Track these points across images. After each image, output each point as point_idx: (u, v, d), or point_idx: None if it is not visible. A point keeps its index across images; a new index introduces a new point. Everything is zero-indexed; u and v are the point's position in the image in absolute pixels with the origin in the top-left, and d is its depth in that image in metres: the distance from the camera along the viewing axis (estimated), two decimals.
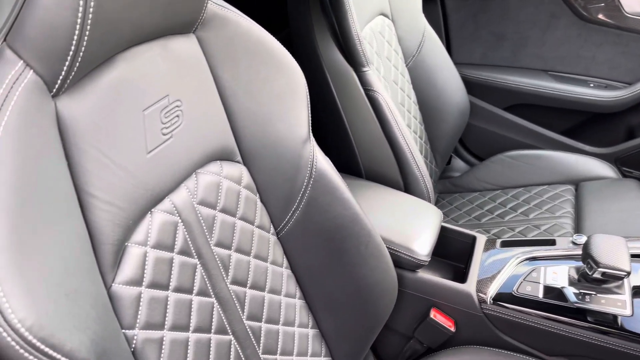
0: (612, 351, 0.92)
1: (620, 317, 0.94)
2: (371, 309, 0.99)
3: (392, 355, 1.16)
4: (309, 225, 0.92)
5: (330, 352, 1.02)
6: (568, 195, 1.58)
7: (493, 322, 1.04)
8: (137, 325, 0.63)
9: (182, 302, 0.70)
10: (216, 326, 0.76)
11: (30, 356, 0.44)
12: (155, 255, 0.67)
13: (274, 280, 0.89)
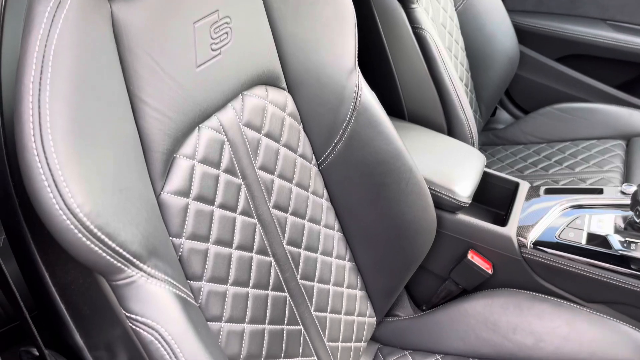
0: None
1: None
2: (408, 246, 1.00)
3: (426, 295, 1.17)
4: (351, 159, 0.92)
5: (366, 286, 1.03)
6: (618, 150, 1.52)
7: (532, 266, 1.03)
8: (184, 235, 0.65)
9: (226, 218, 0.72)
10: (257, 246, 0.78)
11: (88, 241, 0.46)
12: (202, 170, 0.68)
13: (314, 210, 0.90)
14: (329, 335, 0.93)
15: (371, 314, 1.06)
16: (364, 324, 1.04)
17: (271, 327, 0.79)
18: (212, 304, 0.69)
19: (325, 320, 0.92)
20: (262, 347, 0.77)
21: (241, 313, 0.73)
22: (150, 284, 0.52)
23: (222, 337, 0.70)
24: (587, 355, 0.94)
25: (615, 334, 0.94)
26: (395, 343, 1.12)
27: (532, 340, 0.98)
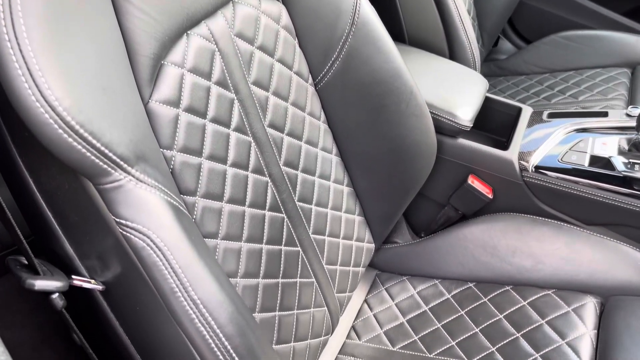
0: None
1: None
2: (408, 170, 0.98)
3: (424, 222, 1.16)
4: (349, 79, 0.88)
5: (364, 212, 1.02)
6: (623, 78, 1.48)
7: (533, 190, 1.01)
8: (175, 147, 0.62)
9: (219, 133, 0.69)
10: (253, 165, 0.75)
11: (70, 139, 0.44)
12: (193, 79, 0.64)
13: (311, 131, 0.87)
14: (327, 259, 0.92)
15: (369, 239, 1.05)
16: (363, 249, 1.03)
17: (269, 247, 0.78)
18: (207, 220, 0.67)
19: (324, 244, 0.91)
20: (259, 266, 0.76)
21: (238, 231, 0.72)
22: (140, 188, 0.50)
23: (219, 254, 0.69)
24: (586, 276, 0.94)
25: (615, 254, 0.94)
26: (394, 269, 1.13)
27: (531, 263, 0.98)
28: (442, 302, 1.02)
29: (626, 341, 0.82)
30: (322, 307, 0.91)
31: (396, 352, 0.96)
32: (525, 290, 0.97)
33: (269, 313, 0.78)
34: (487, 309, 0.97)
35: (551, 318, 0.90)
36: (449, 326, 0.97)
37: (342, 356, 0.98)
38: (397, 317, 1.02)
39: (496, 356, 0.88)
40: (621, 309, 0.88)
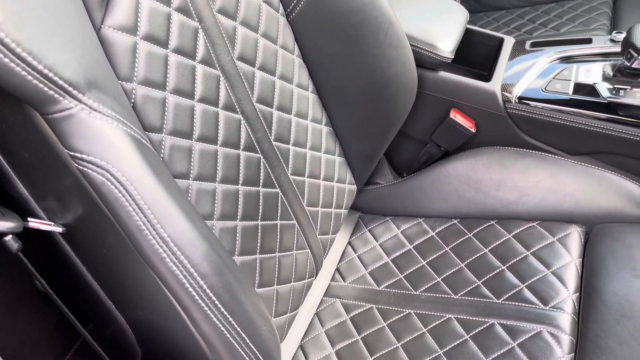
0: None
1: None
2: (388, 105, 0.94)
3: (406, 162, 1.13)
4: (322, 7, 0.83)
5: (345, 152, 0.98)
6: (605, 8, 1.44)
7: (516, 122, 0.99)
8: (135, 79, 0.57)
9: (183, 65, 0.64)
10: (224, 101, 0.70)
11: (6, 59, 0.39)
12: (150, 4, 0.59)
13: (284, 66, 0.82)
14: (308, 200, 0.89)
15: (351, 181, 1.02)
16: (344, 190, 1.00)
17: (246, 188, 0.74)
18: (176, 159, 0.63)
19: (304, 185, 0.88)
20: (236, 207, 0.72)
21: (211, 171, 0.68)
22: (94, 118, 0.45)
23: (192, 195, 0.65)
24: (571, 206, 0.92)
25: (599, 183, 0.92)
26: (377, 210, 1.10)
27: (515, 195, 0.96)
28: (426, 240, 1.00)
29: (611, 267, 0.82)
30: (304, 249, 0.89)
31: (382, 291, 0.95)
32: (510, 224, 0.95)
33: (250, 256, 0.75)
34: (472, 244, 0.95)
35: (536, 249, 0.89)
36: (434, 263, 0.95)
37: (327, 298, 0.97)
38: (382, 257, 1.01)
39: (482, 289, 0.87)
40: (606, 236, 0.87)
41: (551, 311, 0.80)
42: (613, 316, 0.75)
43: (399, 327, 0.87)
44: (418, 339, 0.84)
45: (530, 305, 0.82)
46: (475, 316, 0.84)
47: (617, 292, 0.78)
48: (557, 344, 0.76)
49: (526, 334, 0.78)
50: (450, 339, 0.82)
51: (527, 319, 0.80)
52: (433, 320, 0.86)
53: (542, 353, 0.75)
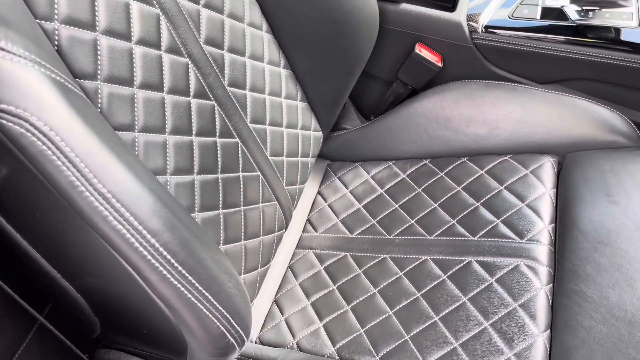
0: (611, 67, 0.85)
1: (624, 29, 0.84)
2: (350, 43, 0.88)
3: (373, 104, 1.08)
4: None
5: (307, 97, 0.93)
6: None
7: (484, 52, 0.94)
8: (57, 18, 0.50)
9: (113, 1, 0.56)
10: (167, 43, 0.63)
11: None
12: None
13: (233, 3, 0.75)
14: (271, 150, 0.84)
15: (316, 127, 0.97)
16: (310, 138, 0.95)
17: (201, 139, 0.68)
18: (117, 109, 0.56)
19: (265, 133, 0.82)
20: (192, 160, 0.67)
21: (159, 122, 0.62)
22: (3, 59, 0.38)
23: (139, 148, 0.59)
24: (543, 136, 0.90)
25: (571, 110, 0.90)
26: (345, 157, 1.06)
27: (486, 130, 0.93)
28: (397, 183, 0.97)
29: (585, 194, 0.80)
30: (271, 201, 0.84)
31: (355, 239, 0.92)
32: (482, 159, 0.93)
33: (212, 212, 0.70)
34: (444, 183, 0.92)
35: (510, 183, 0.87)
36: (406, 206, 0.92)
37: (300, 250, 0.94)
38: (353, 204, 0.97)
39: (457, 228, 0.85)
40: (579, 164, 0.85)
41: (527, 244, 0.78)
42: (590, 243, 0.74)
43: (374, 273, 0.84)
44: (395, 284, 0.82)
45: (507, 239, 0.80)
46: (452, 255, 0.81)
47: (593, 219, 0.77)
48: (534, 275, 0.74)
49: (504, 269, 0.76)
50: (428, 280, 0.80)
51: (504, 253, 0.78)
52: (409, 263, 0.83)
53: (521, 286, 0.74)
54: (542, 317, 0.70)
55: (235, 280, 0.55)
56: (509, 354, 0.68)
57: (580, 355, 0.64)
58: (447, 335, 0.72)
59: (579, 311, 0.68)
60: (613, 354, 0.63)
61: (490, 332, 0.70)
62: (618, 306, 0.66)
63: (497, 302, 0.73)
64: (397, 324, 0.76)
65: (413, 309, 0.77)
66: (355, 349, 0.76)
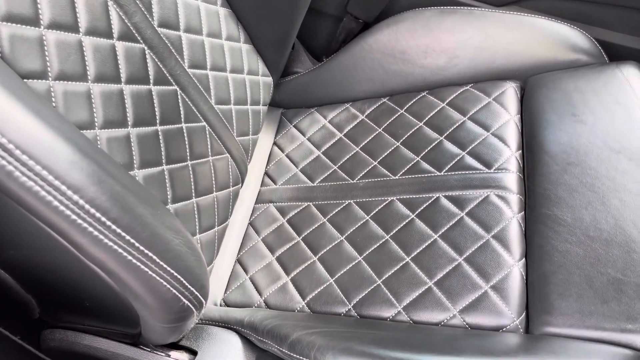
0: None
1: None
2: None
3: (324, 44, 1.01)
4: None
5: (251, 38, 0.85)
6: None
7: None
8: None
9: None
10: None
11: None
12: None
13: None
14: (216, 97, 0.76)
15: (265, 72, 0.90)
16: (259, 84, 0.88)
17: (132, 88, 0.61)
18: (21, 54, 0.48)
19: (207, 80, 0.75)
20: (124, 111, 0.59)
21: (78, 68, 0.54)
22: None
23: (56, 98, 0.51)
24: (504, 61, 0.85)
25: (531, 31, 0.85)
26: (300, 103, 1.00)
27: (444, 59, 0.88)
28: (357, 125, 0.92)
29: (551, 116, 0.77)
30: (222, 154, 0.77)
31: (317, 187, 0.86)
32: (443, 91, 0.88)
33: (154, 168, 0.63)
34: (405, 120, 0.88)
35: (473, 113, 0.83)
36: (368, 147, 0.87)
37: (260, 205, 0.88)
38: (312, 152, 0.92)
39: (422, 165, 0.80)
40: (542, 86, 0.81)
41: (496, 173, 0.75)
42: (559, 166, 0.71)
43: (340, 220, 0.80)
44: (362, 228, 0.77)
45: (474, 171, 0.76)
46: (419, 193, 0.77)
47: (561, 141, 0.74)
48: (505, 205, 0.71)
49: (473, 202, 0.73)
50: (396, 221, 0.76)
51: (472, 185, 0.75)
52: (375, 206, 0.79)
53: (492, 217, 0.70)
54: (517, 246, 0.67)
55: (183, 237, 0.49)
56: (485, 287, 0.65)
57: (557, 280, 0.62)
58: (421, 275, 0.69)
59: (553, 236, 0.65)
60: (592, 275, 0.60)
61: (465, 267, 0.67)
62: (593, 226, 0.64)
63: (469, 236, 0.70)
64: (367, 270, 0.72)
65: (383, 252, 0.73)
66: (327, 300, 0.72)
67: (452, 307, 0.65)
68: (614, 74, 0.78)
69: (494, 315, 0.63)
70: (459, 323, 0.64)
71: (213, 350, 0.66)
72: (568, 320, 0.59)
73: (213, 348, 0.67)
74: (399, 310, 0.67)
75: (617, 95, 0.75)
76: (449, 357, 0.54)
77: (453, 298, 0.65)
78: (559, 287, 0.61)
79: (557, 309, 0.60)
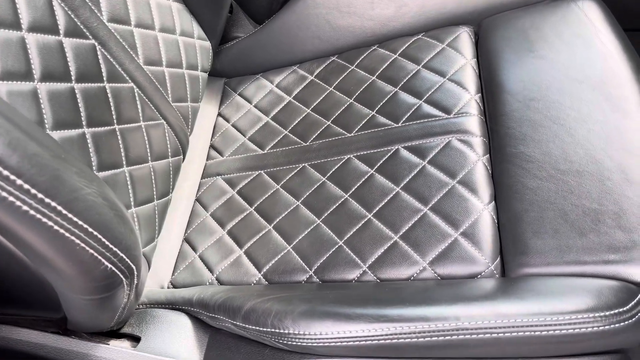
0: None
1: None
2: None
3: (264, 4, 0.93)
4: None
5: None
6: None
7: None
8: None
9: None
10: None
11: None
12: None
13: None
14: (144, 57, 0.68)
15: (201, 35, 0.83)
16: (195, 47, 0.80)
17: (37, 37, 0.52)
18: None
19: (132, 36, 0.67)
20: (27, 62, 0.51)
21: None
22: None
23: None
24: (454, 5, 0.81)
25: None
26: (243, 70, 0.92)
27: (393, 9, 0.82)
28: (306, 86, 0.85)
29: (508, 56, 0.73)
30: (156, 120, 0.70)
31: (268, 154, 0.79)
32: (394, 43, 0.83)
33: (72, 130, 0.55)
34: (357, 76, 0.82)
35: (427, 61, 0.78)
36: (320, 108, 0.81)
37: (206, 179, 0.80)
38: (260, 119, 0.85)
39: (378, 119, 0.75)
40: (497, 27, 0.77)
41: (456, 118, 0.70)
42: (521, 103, 0.67)
43: (294, 185, 0.73)
44: (319, 191, 0.71)
45: (433, 118, 0.71)
46: (376, 148, 0.72)
47: (521, 78, 0.69)
48: (469, 148, 0.66)
49: (435, 149, 0.67)
50: (354, 179, 0.70)
51: (432, 133, 0.69)
52: (331, 166, 0.73)
53: (456, 162, 0.65)
54: (484, 189, 0.62)
55: (98, 188, 0.41)
56: (455, 235, 0.59)
57: (530, 218, 0.57)
58: (384, 230, 0.63)
59: (522, 173, 0.61)
60: (566, 208, 0.56)
61: (431, 217, 0.62)
62: (562, 159, 0.59)
63: (433, 185, 0.64)
64: (327, 232, 0.66)
65: (343, 212, 0.67)
66: (285, 269, 0.65)
67: (421, 259, 0.59)
68: (570, 8, 0.74)
69: (466, 263, 0.57)
70: (430, 275, 0.58)
71: (159, 334, 0.58)
72: (546, 258, 0.54)
73: (159, 331, 0.59)
74: (364, 270, 0.61)
75: (575, 29, 0.71)
76: (421, 307, 0.48)
77: (421, 250, 0.60)
78: (533, 225, 0.56)
79: (533, 248, 0.55)
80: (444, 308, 0.47)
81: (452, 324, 0.46)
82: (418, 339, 0.46)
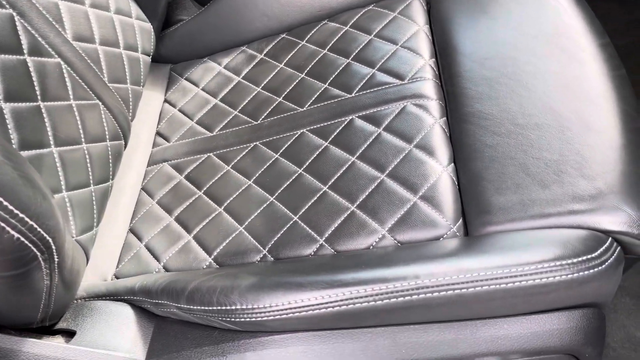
0: None
1: None
2: None
3: None
4: None
5: None
6: None
7: None
8: None
9: None
10: None
11: None
12: None
13: None
14: (73, 32, 0.63)
15: (140, 15, 0.78)
16: (133, 27, 0.75)
17: None
18: None
19: (57, 9, 0.62)
20: None
21: None
22: None
23: None
24: None
25: None
26: (190, 54, 0.88)
27: None
28: (255, 65, 0.81)
29: (461, 19, 0.70)
30: (90, 100, 0.64)
31: (216, 136, 0.75)
32: (344, 16, 0.80)
33: None
34: (307, 50, 0.78)
35: (379, 30, 0.75)
36: (270, 85, 0.77)
37: (152, 167, 0.75)
38: (208, 101, 0.80)
39: (331, 91, 0.71)
40: None
41: (411, 83, 0.66)
42: (476, 63, 0.64)
43: (245, 165, 0.69)
44: (271, 168, 0.66)
45: (387, 85, 0.67)
46: (330, 120, 0.68)
47: (475, 39, 0.67)
48: (425, 112, 0.63)
49: (390, 116, 0.64)
50: (308, 153, 0.66)
51: (387, 100, 0.66)
52: (284, 142, 0.69)
53: (412, 127, 0.62)
54: (443, 151, 0.59)
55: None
56: (413, 199, 0.56)
57: (491, 175, 0.54)
58: (341, 201, 0.59)
59: (480, 132, 0.58)
60: (527, 162, 0.53)
61: (389, 183, 0.58)
62: (520, 113, 0.57)
63: (389, 151, 0.61)
64: (281, 209, 0.62)
65: (297, 187, 0.63)
66: (237, 250, 0.60)
67: (380, 227, 0.55)
68: None
69: (427, 227, 0.54)
70: (390, 243, 0.54)
71: (97, 326, 0.53)
72: (509, 215, 0.50)
73: (97, 324, 0.53)
74: (321, 244, 0.57)
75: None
76: (378, 269, 0.44)
77: (379, 217, 0.56)
78: (494, 182, 0.53)
79: (495, 205, 0.51)
80: (403, 268, 0.44)
81: (411, 282, 0.42)
82: (376, 301, 0.42)
